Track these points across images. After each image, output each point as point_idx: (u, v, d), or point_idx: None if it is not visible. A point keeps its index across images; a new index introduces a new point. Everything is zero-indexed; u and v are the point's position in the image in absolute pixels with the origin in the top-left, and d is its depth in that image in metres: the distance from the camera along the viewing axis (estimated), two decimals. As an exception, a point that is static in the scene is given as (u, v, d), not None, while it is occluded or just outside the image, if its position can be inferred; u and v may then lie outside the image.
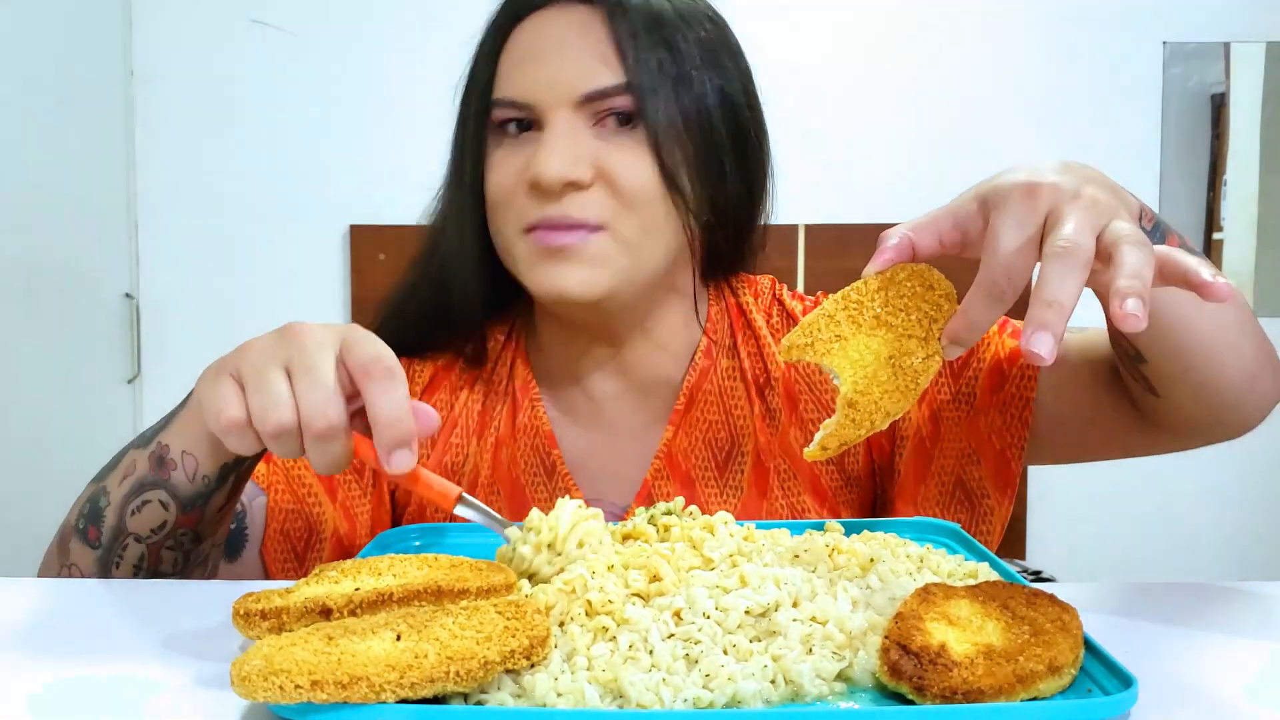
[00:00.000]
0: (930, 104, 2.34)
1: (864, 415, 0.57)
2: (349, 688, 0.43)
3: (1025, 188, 0.56)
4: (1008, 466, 0.85)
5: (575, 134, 0.80)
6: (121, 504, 0.72)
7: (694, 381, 0.90)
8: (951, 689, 0.44)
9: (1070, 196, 0.55)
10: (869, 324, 0.59)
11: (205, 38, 2.33)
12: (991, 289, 0.55)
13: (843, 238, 2.27)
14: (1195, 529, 2.38)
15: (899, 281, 0.59)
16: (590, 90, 0.80)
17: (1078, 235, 0.53)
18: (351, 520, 0.87)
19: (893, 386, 0.57)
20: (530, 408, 0.91)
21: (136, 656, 0.55)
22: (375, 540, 0.72)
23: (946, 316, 0.58)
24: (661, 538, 0.63)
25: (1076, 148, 2.33)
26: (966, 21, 2.33)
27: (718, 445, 0.89)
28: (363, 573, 0.58)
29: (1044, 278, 0.52)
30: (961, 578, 0.61)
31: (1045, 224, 0.55)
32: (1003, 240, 0.55)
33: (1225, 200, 2.32)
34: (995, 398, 0.85)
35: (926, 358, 0.58)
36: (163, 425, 0.73)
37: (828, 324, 0.59)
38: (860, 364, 0.58)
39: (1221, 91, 2.32)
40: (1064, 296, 0.52)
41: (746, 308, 0.93)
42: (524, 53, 0.83)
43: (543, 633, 0.49)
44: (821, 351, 0.59)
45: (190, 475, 0.71)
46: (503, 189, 0.83)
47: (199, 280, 2.35)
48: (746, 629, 0.52)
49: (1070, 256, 0.52)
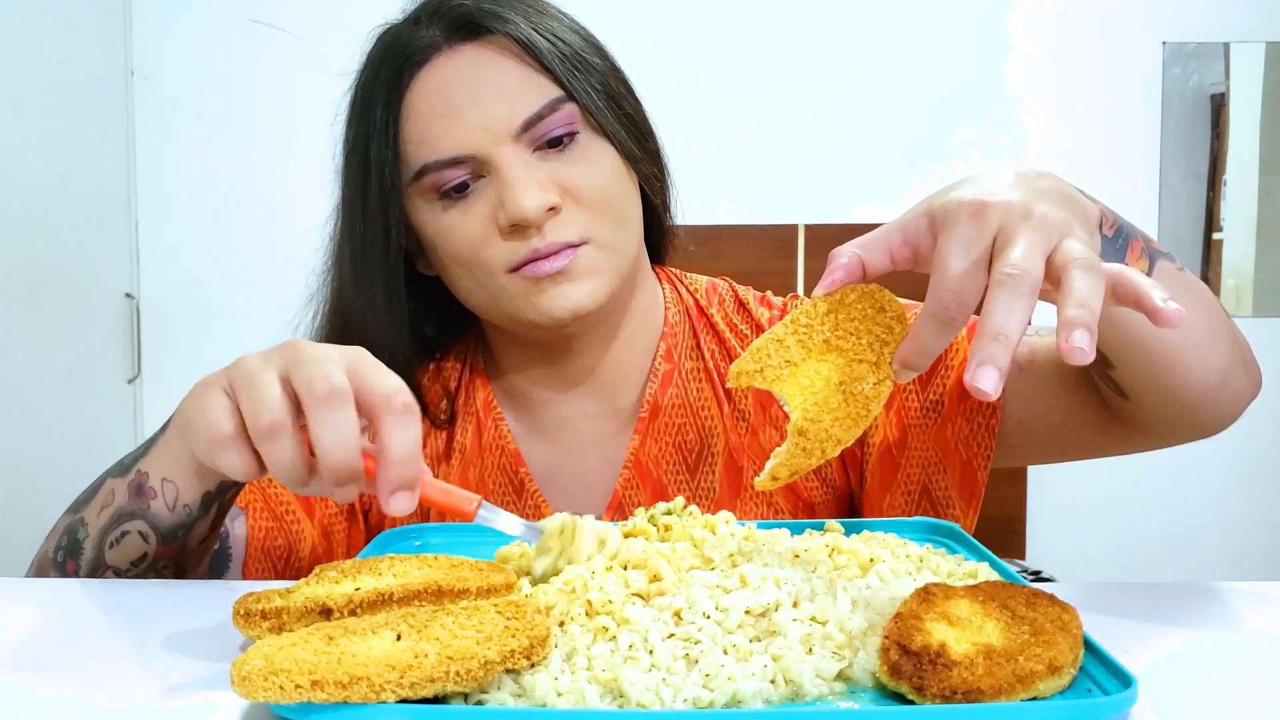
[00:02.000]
0: (930, 104, 2.34)
1: (815, 444, 0.56)
2: (349, 688, 0.43)
3: (973, 206, 0.53)
4: (973, 476, 0.84)
5: (529, 164, 0.80)
6: (100, 536, 0.71)
7: (657, 388, 0.89)
8: (951, 689, 0.44)
9: (1020, 216, 0.53)
10: (818, 349, 0.57)
11: (205, 38, 2.33)
12: (940, 314, 0.53)
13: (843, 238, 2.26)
14: (1195, 529, 2.38)
15: (849, 304, 0.58)
16: (528, 116, 0.80)
17: (1025, 260, 0.51)
18: (328, 538, 0.87)
19: (844, 414, 0.56)
20: (494, 426, 0.91)
21: (137, 656, 0.55)
22: (375, 540, 0.72)
23: (898, 339, 0.56)
24: (661, 538, 0.63)
25: (1077, 148, 2.33)
26: (966, 21, 2.33)
27: (687, 448, 0.89)
28: (363, 573, 0.58)
29: (989, 308, 0.51)
30: (961, 578, 0.61)
31: (994, 244, 0.53)
32: (949, 263, 0.53)
33: (1225, 200, 2.32)
34: (962, 405, 0.84)
35: (877, 383, 0.56)
36: (142, 452, 0.72)
37: (777, 349, 0.57)
38: (810, 390, 0.57)
39: (1221, 91, 2.32)
40: (1009, 328, 0.50)
41: (704, 306, 0.93)
42: (436, 108, 0.80)
43: (543, 633, 0.49)
44: (771, 378, 0.57)
45: (170, 504, 0.69)
46: (473, 244, 0.81)
47: (199, 280, 2.35)
48: (746, 629, 0.52)
49: (1016, 284, 0.50)
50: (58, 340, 2.05)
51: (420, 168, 0.81)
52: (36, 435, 1.93)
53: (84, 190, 2.17)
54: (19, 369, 1.92)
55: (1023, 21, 2.34)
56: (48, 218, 2.02)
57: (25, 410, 1.92)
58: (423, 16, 0.83)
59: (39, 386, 1.98)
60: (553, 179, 0.80)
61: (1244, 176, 2.32)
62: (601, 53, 0.87)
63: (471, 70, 0.80)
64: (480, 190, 0.81)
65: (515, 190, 0.78)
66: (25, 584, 0.69)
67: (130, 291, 2.33)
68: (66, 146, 2.10)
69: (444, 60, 0.81)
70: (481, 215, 0.80)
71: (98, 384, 2.20)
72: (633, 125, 0.86)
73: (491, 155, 0.79)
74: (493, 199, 0.80)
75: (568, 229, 0.80)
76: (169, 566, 0.72)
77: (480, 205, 0.81)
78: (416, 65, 0.81)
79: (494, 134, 0.79)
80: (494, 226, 0.80)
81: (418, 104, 0.81)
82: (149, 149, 2.33)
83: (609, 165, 0.83)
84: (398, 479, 0.56)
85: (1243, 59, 2.31)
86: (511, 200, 0.78)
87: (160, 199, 2.34)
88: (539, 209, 0.78)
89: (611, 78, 0.85)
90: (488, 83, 0.80)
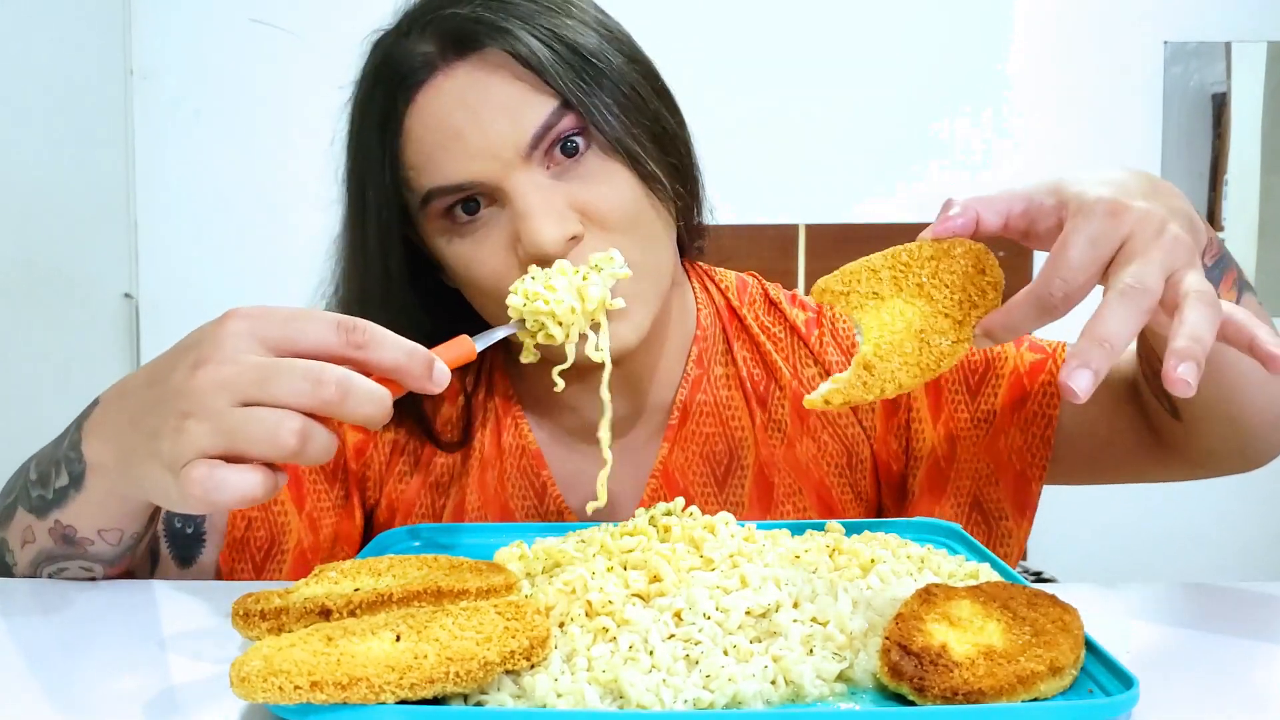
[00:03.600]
0: (931, 104, 2.33)
1: (876, 380, 0.56)
2: (348, 688, 0.43)
3: (1111, 205, 0.53)
4: (1028, 487, 0.83)
5: (544, 189, 0.73)
6: (30, 568, 0.71)
7: (687, 394, 0.86)
8: (952, 690, 0.44)
9: (1154, 230, 0.53)
10: (910, 290, 0.57)
11: (205, 37, 2.32)
12: (1045, 298, 0.53)
13: (843, 238, 2.27)
14: (1195, 529, 2.38)
15: (954, 256, 0.57)
16: (533, 134, 0.73)
17: (1150, 277, 0.51)
18: (315, 532, 0.84)
19: (914, 361, 0.56)
20: (514, 426, 0.87)
21: (136, 656, 0.55)
22: (375, 540, 0.72)
23: (988, 306, 0.56)
24: (662, 538, 0.63)
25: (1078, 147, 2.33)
26: (967, 21, 2.33)
27: (715, 459, 0.86)
28: (362, 573, 0.58)
29: (1104, 313, 0.51)
30: (962, 578, 0.61)
31: (1120, 248, 0.53)
32: (1072, 253, 0.53)
33: (1226, 200, 2.32)
34: (1016, 416, 0.82)
35: (956, 342, 0.56)
36: (52, 498, 0.67)
37: (869, 278, 0.57)
38: (889, 328, 0.56)
39: (1222, 91, 2.32)
40: (1117, 338, 0.50)
41: (736, 307, 0.89)
42: (436, 134, 0.75)
43: (543, 633, 0.48)
44: (855, 304, 0.57)
45: (115, 543, 0.68)
46: (494, 272, 0.75)
47: (199, 280, 2.35)
48: (747, 630, 0.51)
49: (1137, 298, 0.50)
50: (57, 340, 2.05)
51: (426, 193, 0.76)
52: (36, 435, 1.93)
53: (83, 190, 2.17)
54: (18, 369, 1.92)
55: (1024, 21, 2.33)
56: (47, 217, 2.02)
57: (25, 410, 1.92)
58: (413, 29, 0.77)
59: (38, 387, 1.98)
60: (571, 204, 0.74)
61: (1245, 176, 2.32)
62: (626, 49, 0.79)
63: (469, 92, 0.74)
64: (493, 218, 0.75)
65: (532, 222, 0.72)
66: (25, 584, 0.69)
67: (129, 291, 2.33)
68: (65, 145, 2.09)
69: (440, 81, 0.75)
70: (499, 246, 0.75)
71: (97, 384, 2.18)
72: (651, 137, 0.78)
73: (503, 183, 0.73)
74: (508, 228, 0.74)
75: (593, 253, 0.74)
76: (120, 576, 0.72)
77: (496, 234, 0.75)
78: (411, 89, 0.76)
79: (501, 159, 0.73)
80: (514, 257, 0.74)
81: (416, 129, 0.76)
82: (148, 148, 2.33)
83: (626, 181, 0.76)
84: (420, 365, 0.55)
85: (1244, 58, 2.31)
86: (528, 234, 0.72)
87: (159, 199, 2.34)
88: (558, 241, 0.72)
89: (629, 81, 0.78)
90: (487, 102, 0.74)
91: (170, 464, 0.52)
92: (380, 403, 0.53)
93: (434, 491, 0.87)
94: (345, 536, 0.86)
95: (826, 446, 0.85)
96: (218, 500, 0.51)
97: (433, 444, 0.86)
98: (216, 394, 0.52)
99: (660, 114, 0.79)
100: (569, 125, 0.74)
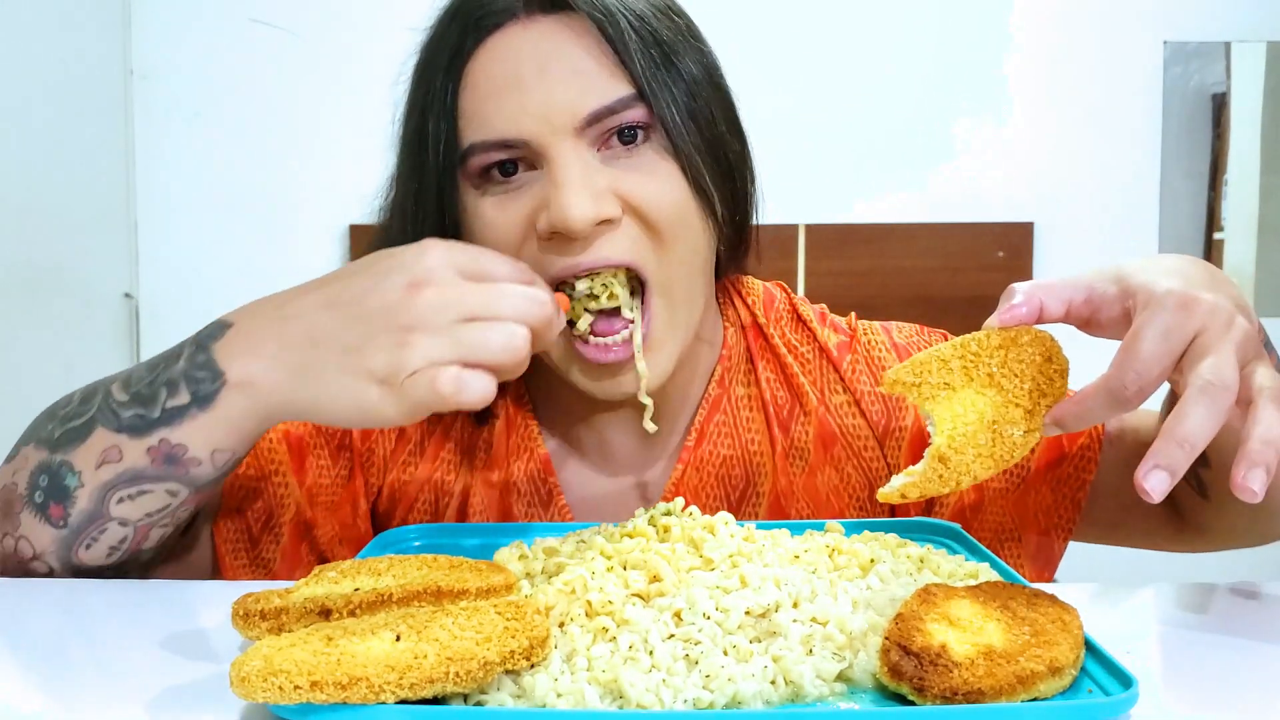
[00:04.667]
0: (931, 104, 2.33)
1: (952, 473, 0.56)
2: (348, 688, 0.43)
3: (1181, 298, 0.53)
4: (1050, 548, 0.81)
5: (589, 165, 0.70)
6: (102, 490, 0.67)
7: (705, 415, 0.82)
8: (952, 690, 0.44)
9: (1224, 324, 0.53)
10: (981, 380, 0.57)
11: (205, 37, 2.33)
12: (1119, 391, 0.53)
13: (843, 238, 2.27)
14: (1196, 529, 2.38)
15: (1021, 344, 0.57)
16: (595, 109, 0.70)
17: (1228, 373, 0.51)
18: (314, 506, 0.82)
19: (988, 453, 0.56)
20: (524, 428, 0.84)
21: (136, 656, 0.55)
22: (375, 540, 0.72)
23: (1057, 394, 0.57)
24: (661, 538, 0.63)
25: (1077, 147, 2.33)
26: (967, 21, 2.33)
27: (731, 483, 0.82)
28: (362, 573, 0.58)
29: (1185, 413, 0.51)
30: (962, 578, 0.61)
31: (1192, 342, 0.53)
32: (1144, 346, 0.53)
33: (1226, 200, 2.32)
34: (1050, 475, 0.81)
35: (1027, 432, 0.56)
36: (159, 417, 0.66)
37: (940, 369, 0.57)
38: (962, 419, 0.57)
39: (1222, 91, 2.32)
40: (1197, 439, 0.50)
41: (763, 325, 0.85)
42: (497, 82, 0.71)
43: (542, 633, 0.48)
44: (926, 395, 0.57)
45: (221, 465, 0.67)
46: (506, 245, 0.71)
47: (199, 280, 2.35)
48: (747, 630, 0.51)
49: (1218, 397, 0.50)
50: (57, 340, 2.05)
51: (467, 148, 0.72)
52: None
53: (83, 190, 2.17)
54: (18, 369, 1.92)
55: (1023, 21, 2.34)
56: (47, 217, 2.02)
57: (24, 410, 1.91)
58: None
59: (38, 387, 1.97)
60: (614, 188, 0.71)
61: (1245, 176, 2.32)
62: (701, 57, 0.77)
63: (544, 46, 0.71)
64: (528, 183, 0.72)
65: (564, 193, 0.68)
66: (25, 584, 0.69)
67: (129, 292, 2.33)
68: (65, 146, 2.09)
69: (516, 30, 0.72)
70: (522, 212, 0.72)
71: (98, 384, 2.20)
72: (712, 154, 0.75)
73: (548, 146, 0.70)
74: (538, 196, 0.71)
75: (621, 247, 0.71)
76: (188, 510, 0.70)
77: (524, 200, 0.72)
78: (485, 31, 0.72)
79: (553, 124, 0.70)
80: (532, 230, 0.71)
81: (478, 75, 0.72)
82: (148, 148, 2.33)
83: (678, 183, 0.73)
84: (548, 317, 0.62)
85: (1244, 58, 2.31)
86: (557, 204, 0.69)
87: (159, 199, 2.34)
88: (586, 220, 0.69)
89: (704, 90, 0.75)
90: (559, 63, 0.71)
91: (388, 375, 0.59)
92: (556, 327, 0.63)
93: (438, 489, 0.84)
94: (344, 518, 0.83)
95: (850, 478, 0.82)
96: (465, 400, 0.58)
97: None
98: (442, 311, 0.59)
99: (725, 138, 0.77)
100: (637, 116, 0.72)
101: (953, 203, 2.33)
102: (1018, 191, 2.34)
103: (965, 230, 2.30)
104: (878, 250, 2.27)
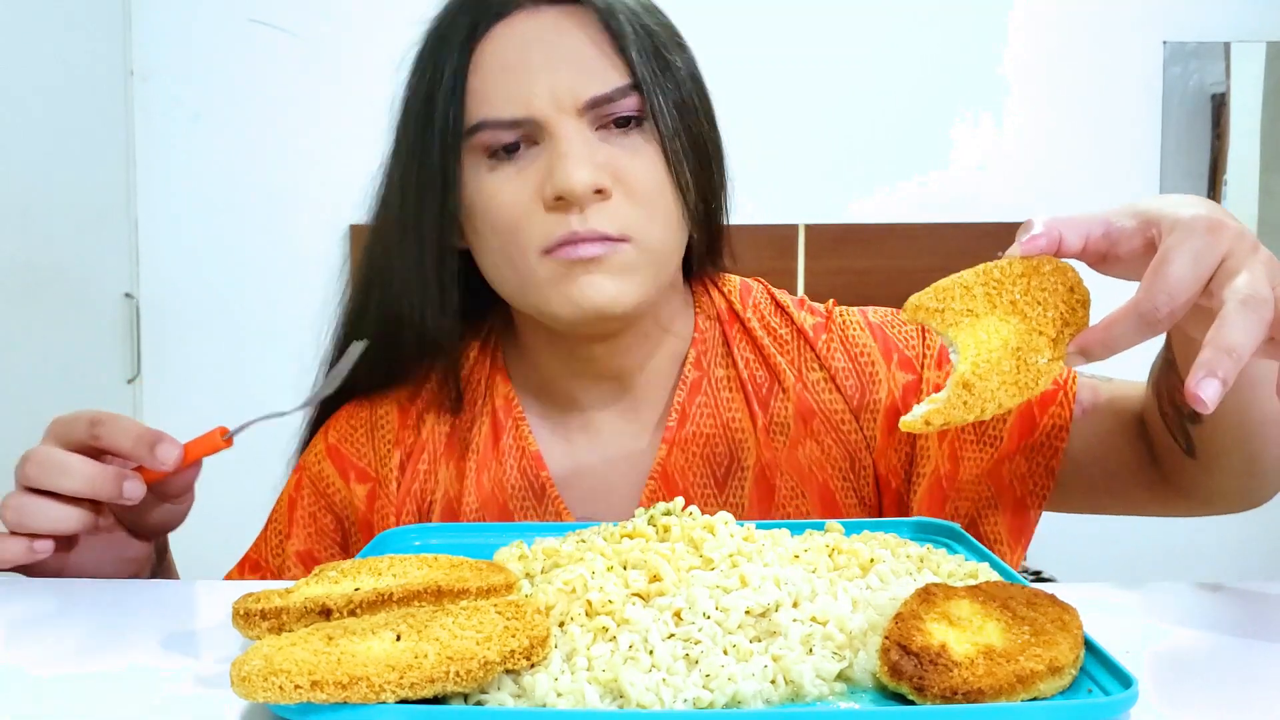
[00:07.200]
0: (930, 104, 2.34)
1: (977, 400, 0.55)
2: (349, 688, 0.43)
3: (1210, 222, 0.54)
4: (1025, 515, 0.82)
5: (589, 141, 0.77)
6: None
7: (685, 396, 0.86)
8: (952, 689, 0.44)
9: (1250, 248, 0.53)
10: (1004, 307, 0.56)
11: (205, 38, 2.33)
12: (1149, 313, 0.53)
13: (843, 238, 2.27)
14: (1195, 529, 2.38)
15: (1044, 273, 0.56)
16: (595, 95, 0.77)
17: (1264, 287, 0.51)
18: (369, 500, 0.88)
19: (1012, 380, 0.55)
20: (514, 427, 0.87)
21: (136, 656, 0.55)
22: (375, 540, 0.72)
23: (1079, 324, 0.56)
24: (661, 538, 0.63)
25: (1077, 147, 2.33)
26: (967, 21, 2.34)
27: (715, 461, 0.85)
28: (362, 573, 0.58)
29: (1229, 321, 0.51)
30: (962, 578, 0.61)
31: (1220, 266, 0.53)
32: (1174, 268, 0.53)
33: (1225, 200, 2.32)
34: (1023, 442, 0.82)
35: (1051, 359, 0.55)
36: None
37: (963, 295, 0.57)
38: (986, 346, 0.56)
39: (1222, 91, 2.32)
40: (1244, 347, 0.50)
41: (738, 310, 0.89)
42: (505, 64, 0.78)
43: (543, 633, 0.48)
44: (950, 321, 0.56)
45: None
46: (515, 213, 0.77)
47: (199, 280, 2.35)
48: (747, 629, 0.52)
49: (1260, 308, 0.51)
50: (57, 340, 2.05)
51: (476, 124, 0.78)
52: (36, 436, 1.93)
53: (83, 190, 2.17)
54: (18, 369, 1.92)
55: (1022, 21, 2.34)
56: (47, 217, 2.02)
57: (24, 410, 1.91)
58: None
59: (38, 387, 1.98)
60: (609, 163, 0.77)
61: (1244, 176, 2.32)
62: (686, 55, 0.83)
63: (550, 34, 0.78)
64: (530, 158, 0.78)
65: (567, 162, 0.75)
66: (25, 583, 0.69)
67: (130, 291, 2.33)
68: (66, 146, 2.10)
69: (524, 17, 0.78)
70: (528, 185, 0.77)
71: (97, 384, 2.20)
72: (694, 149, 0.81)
73: (551, 122, 0.76)
74: (542, 169, 0.77)
75: (612, 219, 0.77)
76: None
77: (528, 174, 0.77)
78: (495, 18, 0.79)
79: (556, 103, 0.76)
80: (538, 200, 0.77)
81: (487, 58, 0.78)
82: (148, 149, 2.33)
83: (661, 166, 0.79)
84: (146, 443, 0.70)
85: (1243, 58, 2.31)
86: (561, 171, 0.75)
87: (160, 199, 2.34)
88: (587, 185, 0.75)
89: (689, 86, 0.82)
90: (564, 50, 0.77)
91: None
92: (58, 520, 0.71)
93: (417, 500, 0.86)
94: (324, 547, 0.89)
95: (830, 450, 0.85)
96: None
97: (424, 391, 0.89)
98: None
99: (705, 133, 0.83)
100: (631, 106, 0.78)
101: (952, 203, 2.33)
102: (1017, 191, 2.34)
103: (965, 230, 2.30)
104: (877, 250, 2.27)
